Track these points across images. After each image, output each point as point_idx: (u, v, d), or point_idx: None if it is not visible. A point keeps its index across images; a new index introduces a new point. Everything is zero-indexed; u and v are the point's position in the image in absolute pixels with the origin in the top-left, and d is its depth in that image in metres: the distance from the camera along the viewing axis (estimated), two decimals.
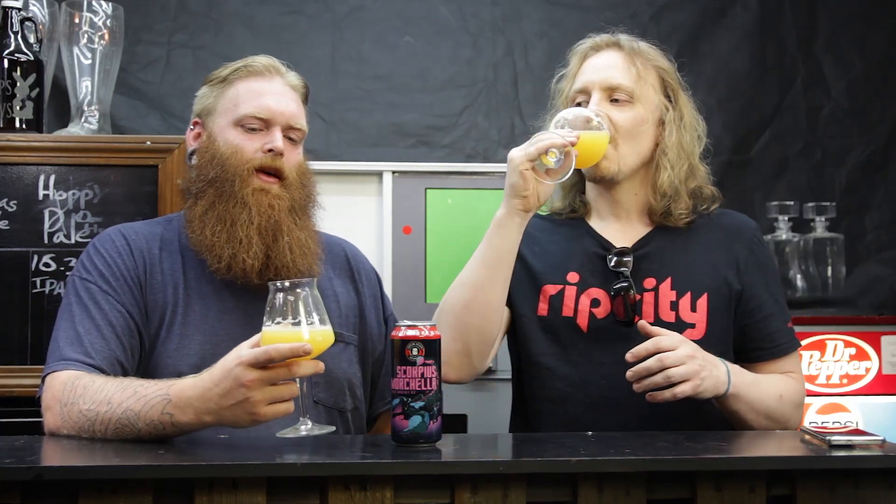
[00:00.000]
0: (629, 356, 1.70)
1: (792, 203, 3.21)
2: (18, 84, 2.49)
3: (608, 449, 1.48)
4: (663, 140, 1.89)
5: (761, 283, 1.90)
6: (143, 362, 1.75)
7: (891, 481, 1.43)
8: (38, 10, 2.68)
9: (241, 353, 1.46)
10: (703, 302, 1.84)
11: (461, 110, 3.31)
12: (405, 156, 3.23)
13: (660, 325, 1.81)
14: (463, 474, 1.36)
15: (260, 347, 1.45)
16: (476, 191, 3.10)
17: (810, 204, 3.24)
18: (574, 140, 1.73)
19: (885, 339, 2.98)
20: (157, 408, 1.50)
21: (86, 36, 2.64)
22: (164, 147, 2.43)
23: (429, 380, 1.46)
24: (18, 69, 2.49)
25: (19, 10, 2.51)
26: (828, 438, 1.49)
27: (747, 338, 1.88)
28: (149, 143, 2.45)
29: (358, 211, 3.11)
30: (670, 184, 1.87)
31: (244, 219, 1.75)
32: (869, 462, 1.43)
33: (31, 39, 2.53)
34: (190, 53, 3.15)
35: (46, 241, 2.42)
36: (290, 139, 1.84)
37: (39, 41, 2.57)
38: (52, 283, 2.41)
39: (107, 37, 2.67)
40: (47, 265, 2.41)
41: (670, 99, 1.91)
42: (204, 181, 1.78)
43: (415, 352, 1.46)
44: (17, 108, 2.49)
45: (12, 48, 2.49)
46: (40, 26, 2.62)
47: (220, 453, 1.46)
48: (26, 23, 2.52)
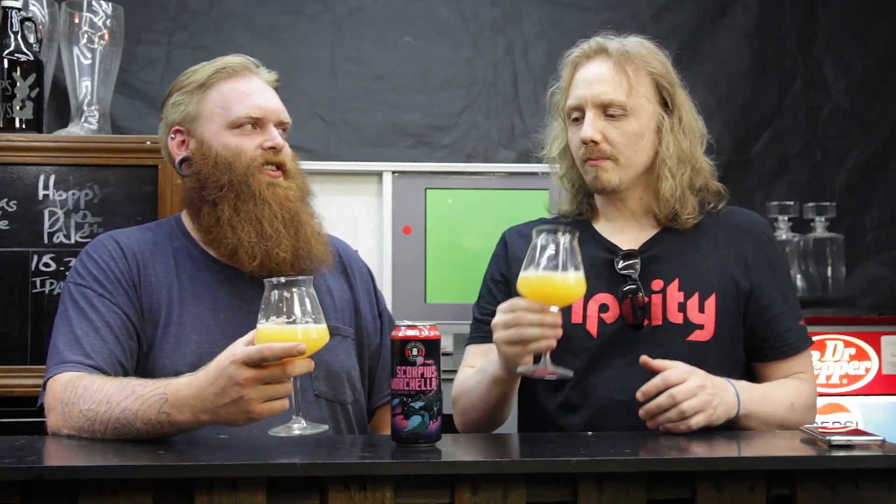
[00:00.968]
0: (639, 395, 1.67)
1: (792, 203, 3.21)
2: (18, 84, 2.49)
3: (608, 449, 1.48)
4: (662, 149, 1.86)
5: (770, 281, 1.88)
6: (140, 364, 1.75)
7: (891, 481, 1.43)
8: (38, 10, 2.68)
9: (235, 351, 1.46)
10: (711, 302, 1.83)
11: (461, 110, 3.31)
12: (405, 156, 3.23)
13: (668, 326, 1.80)
14: (463, 474, 1.36)
15: (254, 346, 1.45)
16: (476, 191, 3.10)
17: (810, 204, 3.24)
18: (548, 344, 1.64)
19: (885, 339, 2.98)
20: (155, 407, 1.51)
21: (86, 36, 2.64)
22: None
23: (429, 380, 1.46)
24: (18, 69, 2.49)
25: (19, 10, 2.51)
26: (828, 438, 1.49)
27: (757, 337, 1.87)
28: (149, 143, 2.45)
29: (358, 211, 3.11)
30: (672, 192, 1.86)
31: (267, 214, 1.78)
32: (869, 462, 1.43)
33: (31, 39, 2.53)
34: (190, 53, 3.15)
35: (46, 241, 2.42)
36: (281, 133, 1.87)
37: (39, 41, 2.57)
38: (51, 283, 2.41)
39: (107, 37, 2.67)
40: (47, 265, 2.41)
41: (667, 104, 1.88)
42: (217, 187, 1.79)
43: (415, 352, 1.46)
44: (17, 108, 2.49)
45: (12, 48, 2.49)
46: (40, 26, 2.63)
47: (220, 453, 1.46)
48: (26, 23, 2.52)
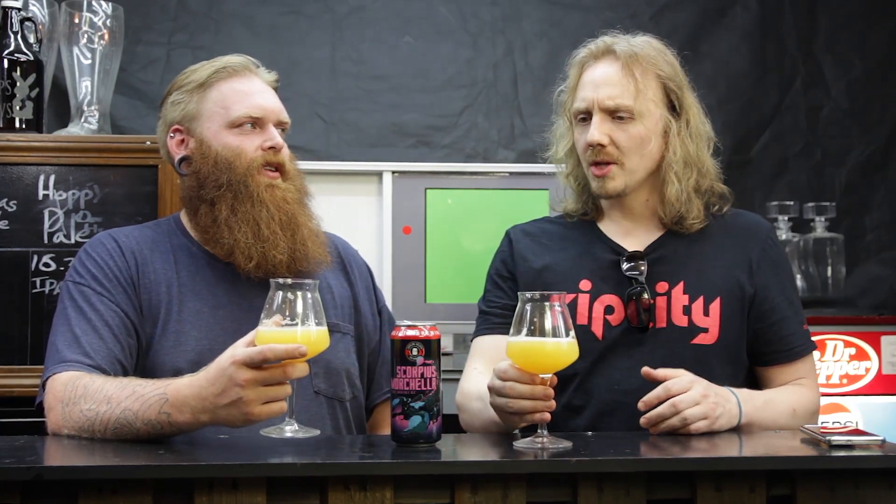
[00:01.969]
0: (641, 405, 1.65)
1: (792, 203, 3.21)
2: (18, 84, 2.49)
3: (608, 449, 1.48)
4: (669, 153, 1.84)
5: (775, 285, 1.87)
6: (140, 361, 1.75)
7: (891, 481, 1.43)
8: (38, 10, 2.68)
9: (235, 352, 1.46)
10: (715, 306, 1.82)
11: (461, 110, 3.31)
12: (405, 156, 3.23)
13: (673, 329, 1.80)
14: (463, 474, 1.36)
15: (255, 347, 1.45)
16: (476, 191, 3.10)
17: (810, 204, 3.24)
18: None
19: (884, 339, 2.98)
20: (155, 407, 1.51)
21: (86, 36, 2.64)
22: None
23: (429, 380, 1.46)
24: (18, 69, 2.49)
25: (19, 10, 2.51)
26: (828, 438, 1.49)
27: (761, 341, 1.86)
28: (148, 143, 2.44)
29: (358, 211, 3.11)
30: (677, 196, 1.85)
31: (265, 216, 1.78)
32: (869, 462, 1.43)
33: (31, 39, 2.53)
34: (190, 53, 3.15)
35: (46, 241, 2.42)
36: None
37: (39, 41, 2.57)
38: (51, 283, 2.41)
39: (107, 37, 2.67)
40: (47, 265, 2.41)
41: (675, 107, 1.86)
42: (215, 186, 1.79)
43: (415, 352, 1.46)
44: (17, 108, 2.49)
45: (12, 48, 2.49)
46: (40, 26, 2.62)
47: (220, 453, 1.46)
48: (26, 23, 2.52)
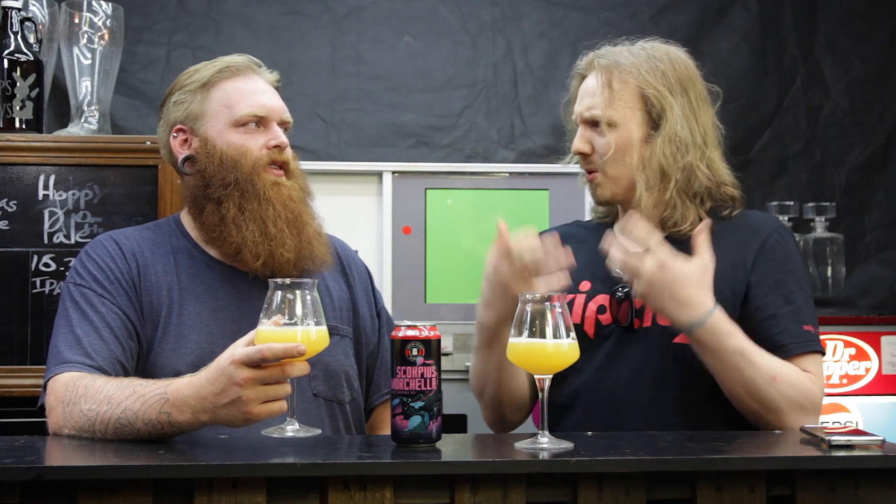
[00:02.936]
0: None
1: (792, 203, 3.22)
2: (18, 84, 2.49)
3: (608, 449, 1.48)
4: (641, 161, 1.84)
5: (768, 282, 1.81)
6: (140, 364, 1.75)
7: (891, 481, 1.43)
8: (38, 10, 2.68)
9: (234, 351, 1.46)
10: None
11: (461, 110, 3.31)
12: (405, 156, 3.23)
13: (658, 330, 1.79)
14: (463, 474, 1.36)
15: (254, 346, 1.45)
16: (476, 191, 3.10)
17: (810, 204, 3.24)
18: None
19: (884, 339, 2.98)
20: (155, 407, 1.51)
21: (86, 36, 2.65)
22: None
23: (429, 380, 1.46)
24: (18, 69, 2.49)
25: (19, 10, 2.51)
26: (828, 438, 1.48)
27: (751, 339, 1.78)
28: (149, 143, 2.45)
29: (358, 211, 3.12)
30: (648, 203, 1.82)
31: (272, 214, 1.79)
32: (869, 462, 1.43)
33: (31, 39, 2.53)
34: (190, 53, 3.15)
35: (46, 241, 2.42)
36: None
37: (39, 41, 2.58)
38: (51, 283, 2.41)
39: (107, 37, 2.67)
40: (47, 265, 2.41)
41: (653, 115, 1.84)
42: (222, 185, 1.79)
43: (415, 352, 1.46)
44: (17, 108, 2.49)
45: (12, 48, 2.49)
46: (40, 26, 2.63)
47: (220, 453, 1.46)
48: (26, 23, 2.52)
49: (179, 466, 1.33)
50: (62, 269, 2.40)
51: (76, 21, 2.65)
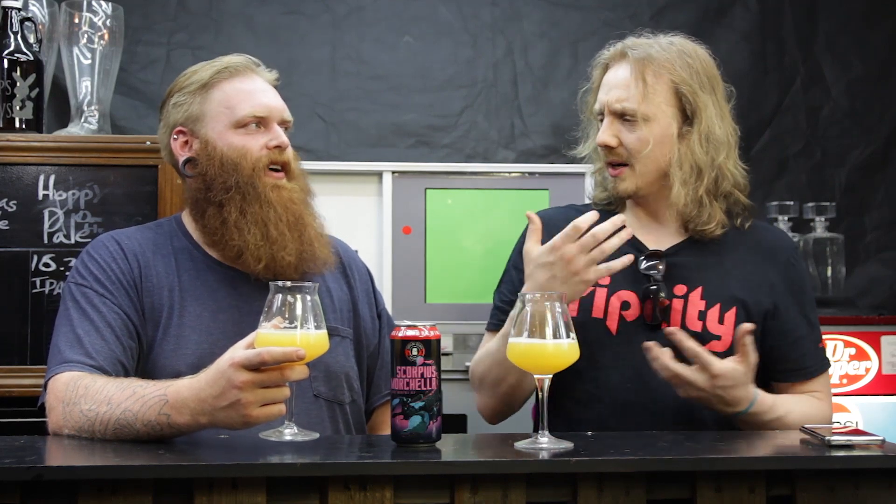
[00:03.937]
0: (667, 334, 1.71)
1: (792, 203, 3.21)
2: (18, 84, 2.49)
3: (608, 449, 1.48)
4: (675, 158, 1.83)
5: (794, 305, 1.87)
6: (141, 364, 1.75)
7: (891, 481, 1.43)
8: (38, 10, 2.68)
9: (234, 354, 1.46)
10: (731, 315, 1.82)
11: (461, 110, 3.31)
12: (405, 156, 3.23)
13: (686, 333, 1.79)
14: (463, 474, 1.36)
15: (253, 349, 1.45)
16: (476, 191, 3.10)
17: (810, 204, 3.24)
18: None
19: (884, 339, 2.98)
20: (155, 408, 1.51)
21: (86, 36, 2.64)
22: None
23: (429, 380, 1.46)
24: (18, 69, 2.49)
25: (19, 10, 2.51)
26: (827, 438, 1.49)
27: (775, 358, 1.85)
28: (149, 143, 2.44)
29: (358, 211, 3.12)
30: (680, 200, 1.83)
31: (273, 217, 1.78)
32: (869, 462, 1.43)
33: (31, 39, 2.53)
34: (190, 53, 3.15)
35: (46, 241, 2.42)
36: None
37: (39, 41, 2.57)
38: (51, 283, 2.41)
39: (107, 37, 2.67)
40: (47, 265, 2.41)
41: (687, 111, 1.84)
42: (224, 188, 1.79)
43: (415, 352, 1.46)
44: (17, 108, 2.49)
45: (12, 48, 2.49)
46: (40, 26, 2.63)
47: (220, 453, 1.46)
48: (26, 23, 2.52)
49: (179, 466, 1.33)
50: (62, 269, 2.40)
51: (76, 21, 2.65)
